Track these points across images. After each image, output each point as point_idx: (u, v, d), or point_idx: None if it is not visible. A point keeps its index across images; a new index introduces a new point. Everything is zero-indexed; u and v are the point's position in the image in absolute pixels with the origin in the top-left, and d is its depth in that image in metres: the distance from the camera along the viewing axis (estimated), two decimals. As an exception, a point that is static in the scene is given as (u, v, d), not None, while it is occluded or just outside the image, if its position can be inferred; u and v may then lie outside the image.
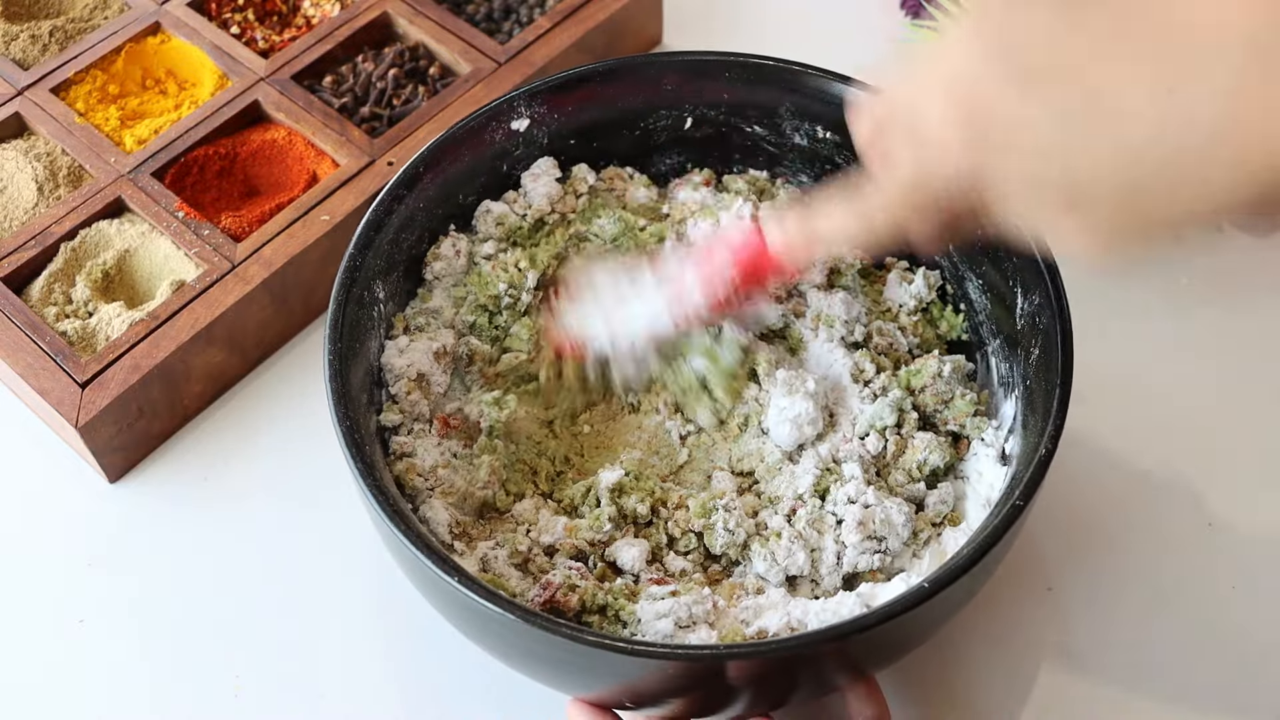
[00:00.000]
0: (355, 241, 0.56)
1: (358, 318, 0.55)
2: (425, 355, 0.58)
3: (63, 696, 0.58)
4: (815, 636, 0.45)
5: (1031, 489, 0.48)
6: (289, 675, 0.59)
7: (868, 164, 0.46)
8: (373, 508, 0.48)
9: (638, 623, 0.50)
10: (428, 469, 0.55)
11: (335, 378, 0.52)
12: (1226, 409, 0.66)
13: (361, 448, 0.50)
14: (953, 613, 0.51)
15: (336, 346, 0.53)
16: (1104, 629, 0.59)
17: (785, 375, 0.58)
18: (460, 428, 0.58)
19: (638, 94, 0.64)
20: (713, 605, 0.51)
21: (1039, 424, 0.51)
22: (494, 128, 0.62)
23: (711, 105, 0.64)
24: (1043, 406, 0.51)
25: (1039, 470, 0.48)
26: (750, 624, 0.51)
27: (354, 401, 0.52)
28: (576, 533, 0.54)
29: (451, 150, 0.60)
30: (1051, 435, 0.49)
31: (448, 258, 0.62)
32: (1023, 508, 0.47)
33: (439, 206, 0.61)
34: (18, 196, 0.71)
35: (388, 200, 0.58)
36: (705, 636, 0.50)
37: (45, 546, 0.63)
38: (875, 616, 0.45)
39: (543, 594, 0.51)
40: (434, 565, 0.46)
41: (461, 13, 0.80)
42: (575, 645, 0.45)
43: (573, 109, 0.63)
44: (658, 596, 0.51)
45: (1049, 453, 0.49)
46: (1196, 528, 0.62)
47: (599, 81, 0.63)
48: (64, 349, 0.63)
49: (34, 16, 0.81)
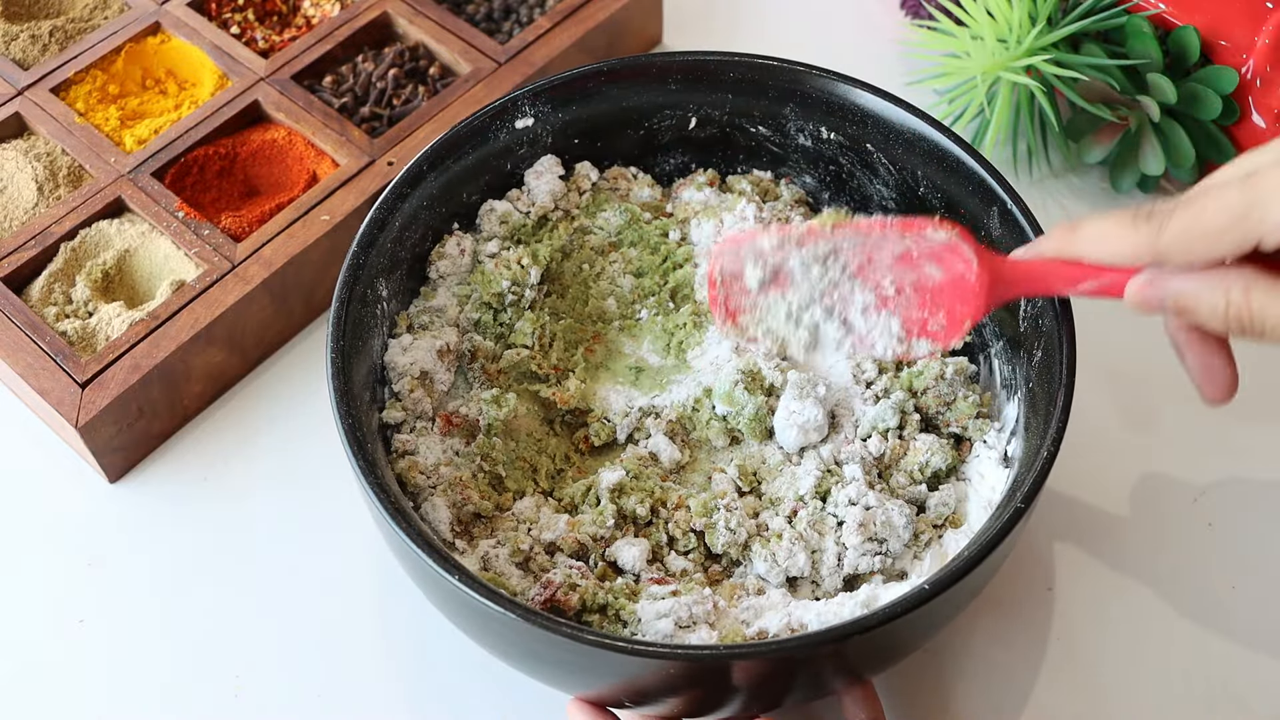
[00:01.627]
0: (359, 239, 0.56)
1: (361, 315, 0.55)
2: (429, 353, 0.58)
3: (63, 696, 0.58)
4: (816, 638, 0.45)
5: (1033, 492, 0.48)
6: (289, 675, 0.59)
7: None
8: (374, 505, 0.48)
9: (638, 622, 0.51)
10: (430, 466, 0.55)
11: (338, 375, 0.52)
12: (1227, 409, 0.66)
13: (363, 445, 0.50)
14: (954, 615, 0.51)
15: (339, 344, 0.53)
16: (1104, 629, 0.59)
17: (797, 378, 0.58)
18: (462, 426, 0.58)
19: (642, 93, 0.64)
20: (713, 605, 0.51)
21: (1041, 426, 0.51)
22: (498, 126, 0.62)
23: (715, 105, 0.64)
24: (1045, 409, 0.51)
25: (1041, 473, 0.48)
26: (751, 624, 0.51)
27: (356, 399, 0.52)
28: (579, 528, 0.54)
29: (455, 148, 0.60)
30: (1054, 438, 0.49)
31: (452, 256, 0.62)
32: (1024, 510, 0.47)
33: (442, 205, 0.61)
34: (18, 196, 0.71)
35: (391, 198, 0.58)
36: (705, 637, 0.50)
37: (45, 546, 0.63)
38: (876, 618, 0.45)
39: (543, 593, 0.51)
40: (435, 564, 0.46)
41: (461, 13, 0.80)
42: (576, 645, 0.45)
43: (577, 108, 0.63)
44: (658, 596, 0.51)
45: (1051, 455, 0.49)
46: (1196, 528, 0.62)
47: (603, 80, 0.63)
48: (64, 349, 0.63)
49: (34, 16, 0.81)
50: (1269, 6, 0.68)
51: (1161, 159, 0.71)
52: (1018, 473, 0.52)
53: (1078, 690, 0.58)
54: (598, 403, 0.60)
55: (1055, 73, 0.70)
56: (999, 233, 0.57)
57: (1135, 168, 0.72)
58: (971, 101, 0.73)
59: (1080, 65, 0.70)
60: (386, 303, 0.58)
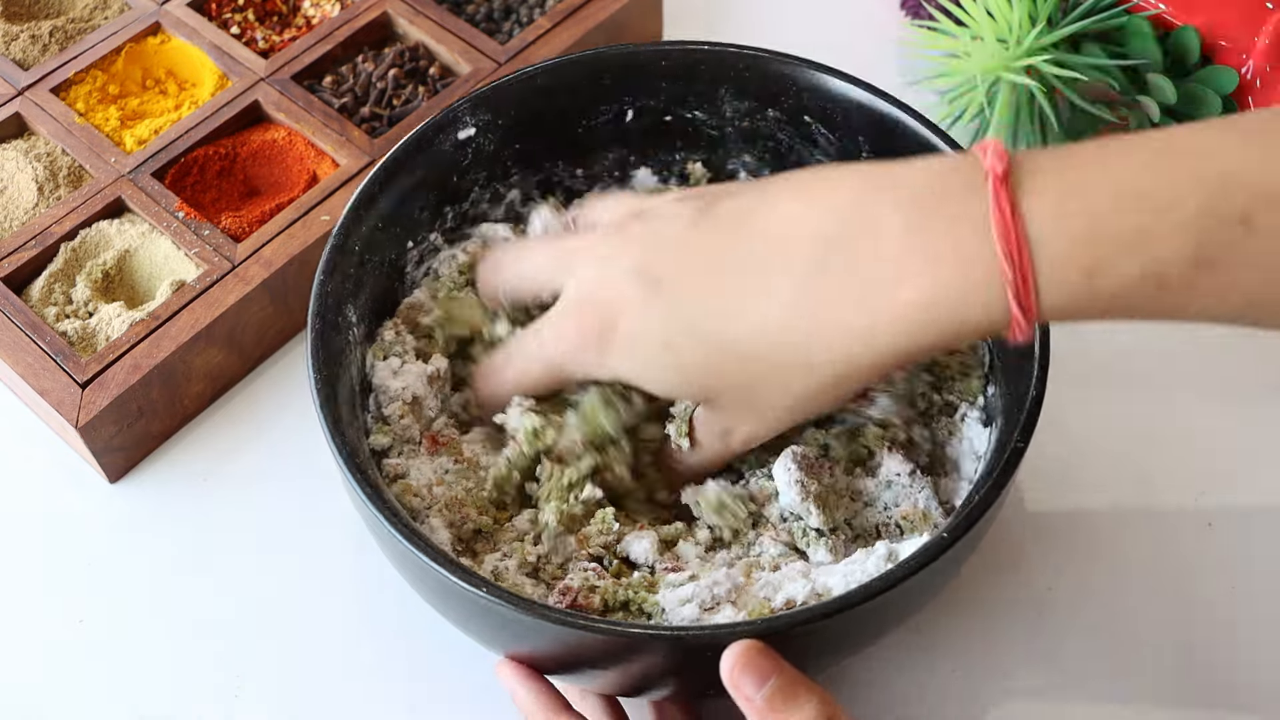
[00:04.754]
0: (322, 266, 0.55)
1: (335, 343, 0.55)
2: (420, 379, 0.58)
3: (63, 696, 0.58)
4: (855, 596, 0.45)
5: (1028, 431, 0.48)
6: (289, 675, 0.59)
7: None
8: (385, 527, 0.48)
9: (661, 613, 0.50)
10: (423, 487, 0.55)
11: (326, 403, 0.51)
12: (1227, 408, 0.66)
13: (365, 472, 0.50)
14: (967, 557, 0.52)
15: (321, 374, 0.52)
16: (1103, 629, 0.59)
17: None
18: (448, 444, 0.57)
19: (577, 92, 0.64)
20: (732, 585, 0.51)
21: (1023, 368, 0.51)
22: (441, 139, 0.61)
23: (650, 95, 0.64)
24: (1022, 349, 0.51)
25: (1033, 409, 0.49)
26: (774, 598, 0.51)
27: (346, 428, 0.52)
28: (588, 542, 0.54)
29: (403, 166, 0.60)
30: (1038, 378, 0.50)
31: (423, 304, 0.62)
32: (1023, 449, 0.48)
33: (395, 224, 0.60)
34: (18, 196, 0.71)
35: (348, 220, 0.57)
36: (731, 616, 0.49)
37: (45, 546, 0.63)
38: (909, 566, 0.45)
39: (564, 599, 0.51)
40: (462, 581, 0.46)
41: (461, 13, 0.80)
42: (622, 639, 0.45)
43: (515, 113, 0.63)
44: (677, 584, 0.51)
45: (1039, 394, 0.49)
46: (1196, 528, 0.62)
47: (538, 82, 0.62)
48: (64, 349, 0.63)
49: (34, 16, 0.81)
50: (1269, 7, 0.68)
51: (1161, 159, 0.70)
52: (1006, 420, 0.53)
53: (1077, 690, 0.58)
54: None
55: (1055, 73, 0.70)
56: None
57: (1135, 168, 0.72)
58: (971, 102, 0.73)
59: (1080, 65, 0.70)
60: (355, 328, 0.58)
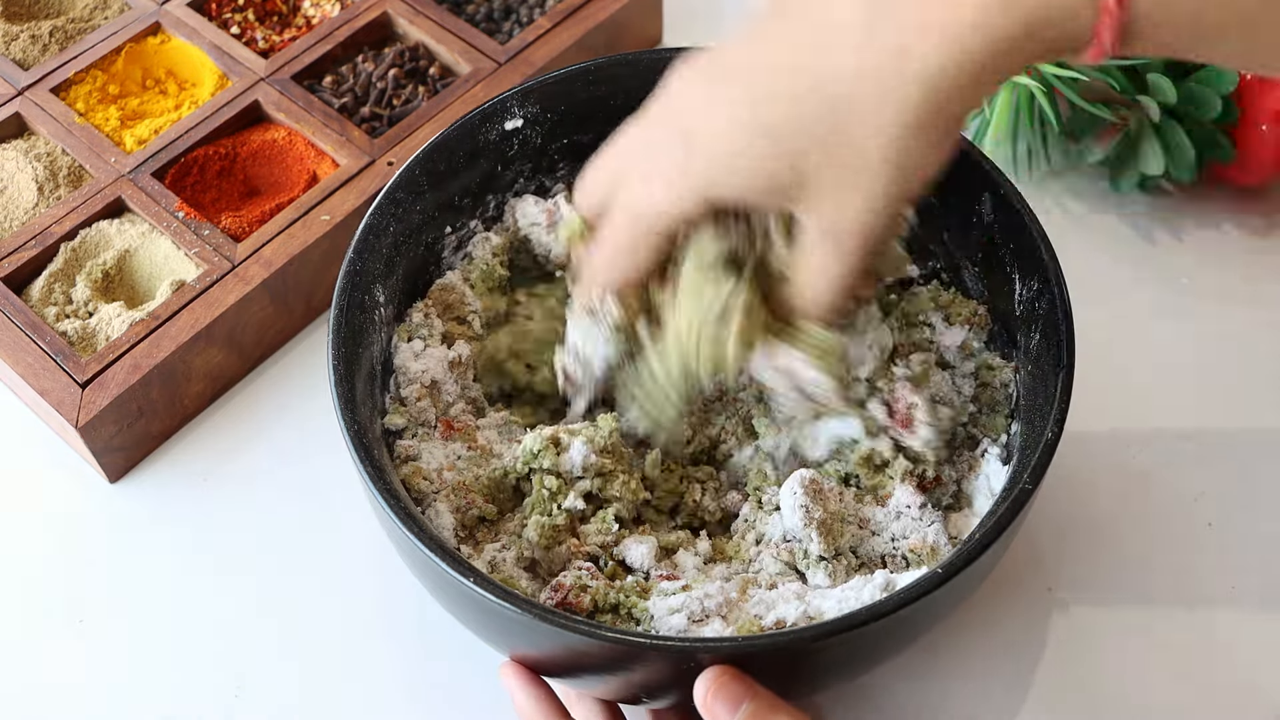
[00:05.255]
0: (355, 245, 0.56)
1: (359, 322, 0.55)
2: (440, 364, 0.58)
3: (63, 696, 0.58)
4: (843, 623, 0.45)
5: (1039, 472, 0.48)
6: (289, 675, 0.59)
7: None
8: (385, 511, 0.48)
9: (650, 619, 0.50)
10: (433, 472, 0.55)
11: (341, 383, 0.52)
12: (1228, 408, 0.66)
13: (370, 451, 0.50)
14: (966, 596, 0.51)
15: (340, 350, 0.53)
16: (1103, 629, 0.59)
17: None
18: (463, 430, 0.58)
19: (633, 91, 0.63)
20: (725, 599, 0.51)
21: (1043, 408, 0.51)
22: (487, 129, 0.61)
23: None
24: (1045, 391, 0.51)
25: (1045, 454, 0.48)
26: (765, 616, 0.51)
27: (359, 406, 0.52)
28: (586, 539, 0.54)
29: (448, 150, 0.60)
30: (1056, 419, 0.49)
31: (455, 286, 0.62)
32: (1032, 491, 0.48)
33: (434, 209, 0.61)
34: (18, 196, 0.71)
35: (386, 203, 0.57)
36: (719, 629, 0.50)
37: (45, 546, 0.63)
38: (899, 599, 0.45)
39: (555, 596, 0.51)
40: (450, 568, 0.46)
41: (461, 13, 0.80)
42: (596, 642, 0.45)
43: (565, 107, 0.63)
44: (669, 592, 0.51)
45: (1055, 436, 0.49)
46: (1196, 528, 0.62)
47: (591, 78, 0.62)
48: (64, 349, 0.63)
49: (34, 16, 0.81)
50: (1269, 6, 0.68)
51: (1161, 159, 0.71)
52: (1021, 457, 0.52)
53: (1077, 690, 0.58)
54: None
55: (1055, 73, 0.70)
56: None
57: (1135, 168, 0.72)
58: (971, 101, 0.73)
59: (1080, 65, 0.70)
60: (383, 308, 0.58)
